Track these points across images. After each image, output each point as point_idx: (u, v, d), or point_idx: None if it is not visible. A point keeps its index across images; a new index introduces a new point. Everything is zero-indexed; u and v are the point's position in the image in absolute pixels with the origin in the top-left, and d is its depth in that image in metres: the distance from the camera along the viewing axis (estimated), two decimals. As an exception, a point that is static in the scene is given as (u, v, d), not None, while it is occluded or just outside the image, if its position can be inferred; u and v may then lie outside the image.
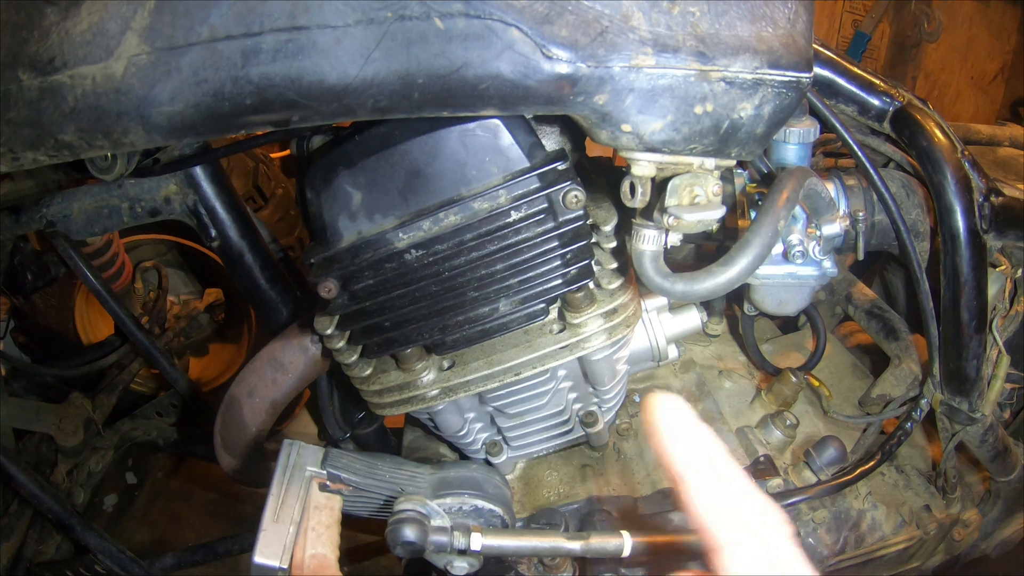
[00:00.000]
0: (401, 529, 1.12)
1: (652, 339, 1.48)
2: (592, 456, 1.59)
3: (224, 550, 2.30)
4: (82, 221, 1.80)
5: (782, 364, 1.76)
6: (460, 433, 1.40)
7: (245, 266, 1.81)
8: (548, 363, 1.23)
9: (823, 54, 1.47)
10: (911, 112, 1.46)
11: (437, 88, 0.86)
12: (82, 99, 0.91)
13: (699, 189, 0.98)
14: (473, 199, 1.10)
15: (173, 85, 0.89)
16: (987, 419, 1.61)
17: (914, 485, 1.77)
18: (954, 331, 1.50)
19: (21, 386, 2.92)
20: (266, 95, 0.88)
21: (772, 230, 1.00)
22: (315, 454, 1.25)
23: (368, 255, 1.13)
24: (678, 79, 0.88)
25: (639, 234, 1.02)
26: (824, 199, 1.29)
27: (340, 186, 1.12)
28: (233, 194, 1.80)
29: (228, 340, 3.73)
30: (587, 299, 1.20)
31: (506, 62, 0.84)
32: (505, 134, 1.07)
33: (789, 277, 1.42)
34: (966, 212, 1.42)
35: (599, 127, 0.92)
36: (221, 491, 3.50)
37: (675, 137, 0.92)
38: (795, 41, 0.92)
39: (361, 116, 0.91)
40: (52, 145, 0.96)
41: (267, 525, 1.18)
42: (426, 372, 1.26)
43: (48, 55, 0.92)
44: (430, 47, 0.84)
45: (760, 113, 0.93)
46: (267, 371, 1.56)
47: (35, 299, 3.06)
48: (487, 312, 1.20)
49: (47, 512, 2.06)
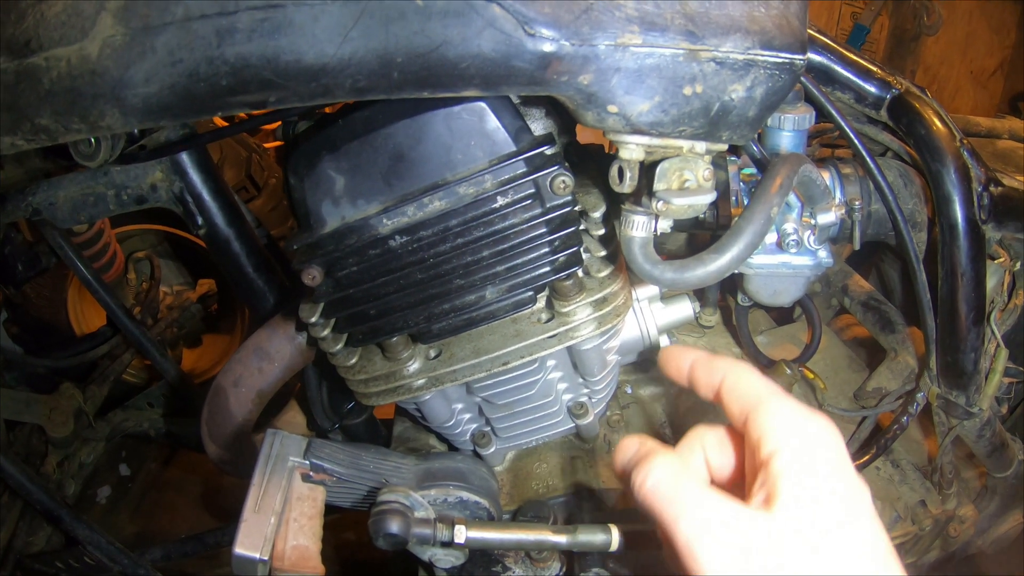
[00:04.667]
0: (383, 521, 1.10)
1: (643, 329, 1.46)
2: (582, 448, 1.57)
3: (213, 541, 2.29)
4: (68, 209, 1.78)
5: (776, 356, 1.74)
6: (448, 424, 1.38)
7: (232, 254, 1.79)
8: (536, 352, 1.21)
9: (819, 40, 1.44)
10: (909, 100, 1.44)
11: (416, 67, 0.84)
12: (58, 81, 0.89)
13: (689, 173, 0.96)
14: (458, 184, 1.07)
15: (148, 66, 0.87)
16: (984, 413, 1.59)
17: (910, 480, 1.75)
18: (951, 324, 1.48)
19: (13, 377, 2.90)
20: (242, 75, 0.86)
21: (764, 217, 0.98)
22: (298, 444, 1.23)
23: (352, 241, 1.11)
24: (666, 59, 0.85)
25: (628, 220, 0.99)
26: (819, 187, 1.27)
27: (323, 171, 1.10)
28: (220, 181, 1.78)
29: (221, 331, 3.71)
30: (576, 287, 1.18)
31: (487, 40, 0.82)
32: (491, 117, 1.05)
33: (783, 267, 1.40)
34: (965, 202, 1.39)
35: (584, 108, 0.89)
36: (215, 482, 3.48)
37: (663, 119, 0.89)
38: (789, 22, 0.89)
39: (340, 97, 0.88)
40: (29, 129, 0.94)
41: (248, 516, 1.16)
42: (412, 361, 1.24)
43: (24, 38, 0.90)
44: (409, 25, 0.82)
45: (752, 95, 0.90)
46: (253, 360, 1.55)
47: (27, 289, 3.04)
48: (473, 300, 1.18)
49: (37, 504, 2.04)
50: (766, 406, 0.76)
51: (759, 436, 0.74)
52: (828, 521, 0.69)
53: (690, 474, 0.77)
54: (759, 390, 0.78)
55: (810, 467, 0.71)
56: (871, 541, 0.70)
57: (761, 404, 0.76)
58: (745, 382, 0.79)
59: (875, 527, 0.71)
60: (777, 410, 0.75)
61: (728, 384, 0.80)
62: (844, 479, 0.71)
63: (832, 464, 0.72)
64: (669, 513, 0.73)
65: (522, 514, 1.40)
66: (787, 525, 0.69)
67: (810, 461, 0.71)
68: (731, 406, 0.79)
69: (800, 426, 0.74)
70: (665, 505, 0.74)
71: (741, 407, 0.78)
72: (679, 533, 0.71)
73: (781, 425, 0.74)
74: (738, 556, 0.68)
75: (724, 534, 0.69)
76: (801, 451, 0.72)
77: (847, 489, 0.71)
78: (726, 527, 0.70)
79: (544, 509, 1.39)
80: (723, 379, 0.81)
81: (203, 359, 3.72)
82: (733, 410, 0.79)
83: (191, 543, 2.30)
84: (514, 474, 1.53)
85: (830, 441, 0.73)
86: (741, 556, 0.68)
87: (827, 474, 0.71)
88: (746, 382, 0.79)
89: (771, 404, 0.76)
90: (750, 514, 0.71)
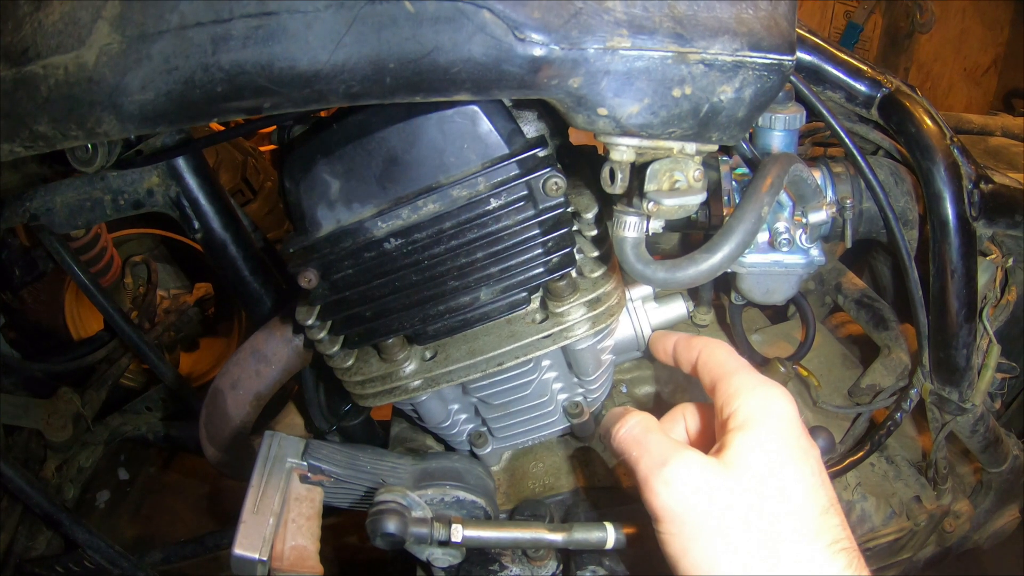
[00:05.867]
0: (381, 520, 1.11)
1: (637, 328, 1.47)
2: (578, 447, 1.58)
3: (213, 544, 2.30)
4: (65, 214, 1.79)
5: (771, 354, 1.75)
6: (444, 424, 1.39)
7: (228, 257, 1.80)
8: (531, 353, 1.22)
9: (809, 40, 1.45)
10: (899, 98, 1.45)
11: (409, 72, 0.85)
12: (55, 89, 0.90)
13: (679, 174, 0.97)
14: (451, 186, 1.08)
15: (144, 73, 0.88)
16: (978, 409, 1.60)
17: (904, 476, 1.76)
18: (943, 320, 1.49)
19: (11, 382, 2.91)
20: (237, 82, 0.87)
21: (755, 216, 0.99)
22: (296, 445, 1.24)
23: (347, 244, 1.12)
24: (655, 61, 0.86)
25: (620, 220, 1.00)
26: (810, 186, 1.27)
27: (318, 175, 1.11)
28: (216, 185, 1.79)
29: (218, 334, 3.72)
30: (570, 288, 1.19)
31: (478, 45, 0.83)
32: (483, 120, 1.06)
33: (776, 265, 1.41)
34: (955, 199, 1.40)
35: (575, 111, 0.90)
36: (213, 485, 3.49)
37: (653, 121, 0.90)
38: (777, 23, 0.90)
39: (333, 102, 0.89)
40: (27, 136, 0.95)
41: (247, 517, 1.17)
42: (408, 363, 1.25)
43: (22, 46, 0.91)
44: (401, 31, 0.83)
45: (741, 96, 0.91)
46: (250, 363, 1.55)
47: (24, 294, 3.05)
48: (468, 301, 1.19)
49: (36, 508, 2.06)
50: (731, 376, 0.90)
51: (722, 401, 0.88)
52: (768, 466, 0.82)
53: (659, 427, 0.92)
54: (727, 362, 0.92)
55: (759, 422, 0.84)
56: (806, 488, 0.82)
57: (727, 374, 0.90)
58: (717, 356, 0.94)
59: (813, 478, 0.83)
60: (739, 379, 0.89)
61: (703, 358, 0.95)
62: (788, 435, 0.84)
63: (779, 422, 0.85)
64: (634, 453, 0.88)
65: (519, 513, 1.41)
66: (733, 469, 0.82)
67: (761, 418, 0.85)
68: (704, 376, 0.94)
69: (756, 391, 0.87)
70: (632, 447, 0.89)
71: (711, 377, 0.92)
72: (640, 469, 0.86)
73: (740, 390, 0.88)
74: (687, 491, 0.81)
75: (678, 471, 0.82)
76: (754, 410, 0.85)
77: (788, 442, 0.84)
78: (681, 465, 0.83)
79: (540, 508, 1.40)
80: (699, 354, 0.96)
81: (200, 362, 3.72)
82: (705, 380, 0.93)
83: (191, 546, 2.31)
84: (510, 473, 1.54)
85: (781, 405, 0.87)
86: (690, 491, 0.81)
87: (772, 428, 0.84)
88: (717, 356, 0.94)
89: (736, 374, 0.90)
90: (702, 458, 0.84)
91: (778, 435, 0.84)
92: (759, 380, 0.89)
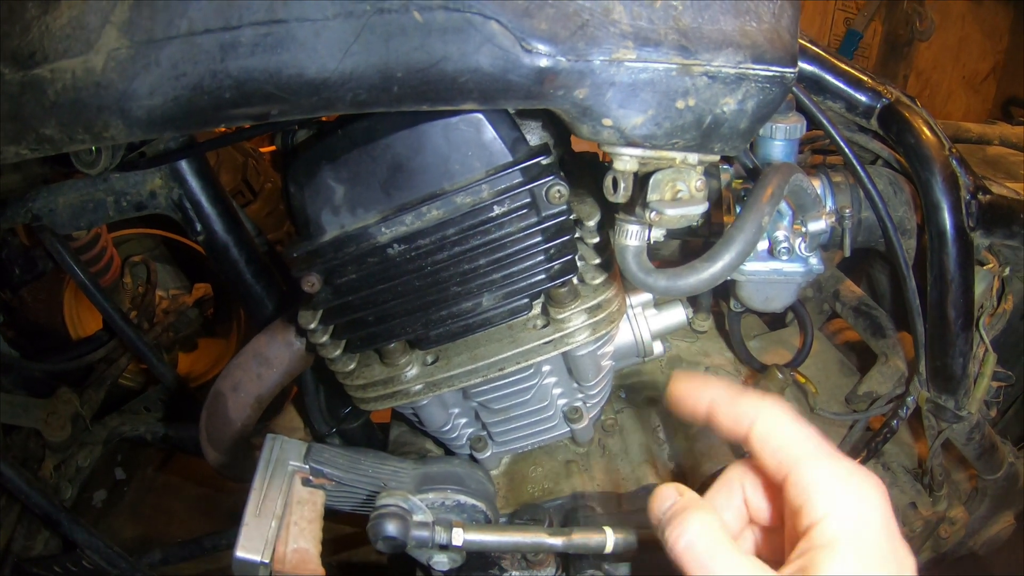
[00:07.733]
0: (383, 524, 1.12)
1: (637, 335, 1.48)
2: (577, 452, 1.59)
3: (211, 545, 2.30)
4: (67, 215, 1.79)
5: (769, 361, 1.76)
6: (444, 428, 1.40)
7: (230, 260, 1.80)
8: (532, 358, 1.23)
9: (810, 50, 1.46)
10: (899, 109, 1.46)
11: (416, 82, 0.86)
12: (63, 93, 0.91)
13: (682, 184, 0.97)
14: (455, 193, 1.09)
15: (152, 79, 0.88)
16: (973, 417, 1.61)
17: (900, 482, 1.77)
18: (940, 329, 1.50)
19: (10, 381, 2.90)
20: (245, 89, 0.88)
21: (756, 226, 0.99)
22: (298, 448, 1.25)
23: (351, 249, 1.13)
24: (659, 73, 0.87)
25: (622, 229, 1.01)
26: (810, 195, 1.28)
27: (323, 180, 1.12)
28: (218, 188, 1.79)
29: (217, 335, 3.71)
30: (571, 294, 1.20)
31: (485, 56, 0.84)
32: (488, 128, 1.07)
33: (775, 273, 1.41)
34: (953, 210, 1.41)
35: (580, 121, 0.91)
36: (211, 486, 3.48)
37: (657, 132, 0.91)
38: (780, 36, 0.91)
39: (340, 110, 0.90)
40: (34, 139, 0.96)
41: (249, 519, 1.18)
42: (409, 367, 1.26)
43: (29, 49, 0.91)
44: (409, 40, 0.84)
45: (743, 108, 0.92)
46: (252, 366, 1.56)
47: (23, 294, 3.04)
48: (470, 307, 1.20)
49: (34, 508, 2.05)
50: (808, 467, 0.71)
51: (801, 502, 0.69)
52: None
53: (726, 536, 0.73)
54: (799, 445, 0.73)
55: (852, 546, 0.66)
56: None
57: (802, 464, 0.71)
58: (781, 433, 0.74)
59: None
60: (821, 474, 0.70)
61: (760, 434, 0.75)
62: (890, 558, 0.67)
63: (878, 541, 0.67)
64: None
65: (518, 517, 1.42)
66: None
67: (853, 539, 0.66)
68: (766, 459, 0.74)
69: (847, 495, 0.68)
70: (697, 568, 0.71)
71: (778, 463, 0.73)
72: None
73: (825, 493, 0.69)
74: None
75: None
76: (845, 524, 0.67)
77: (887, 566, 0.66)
78: None
79: (540, 512, 1.41)
80: (753, 426, 0.75)
81: (199, 363, 3.72)
82: (769, 464, 0.74)
83: (189, 547, 2.31)
84: (510, 478, 1.55)
85: (877, 515, 0.68)
86: None
87: (868, 554, 0.66)
88: (782, 433, 0.74)
89: (814, 466, 0.71)
90: None
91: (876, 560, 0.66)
92: (847, 472, 0.70)
